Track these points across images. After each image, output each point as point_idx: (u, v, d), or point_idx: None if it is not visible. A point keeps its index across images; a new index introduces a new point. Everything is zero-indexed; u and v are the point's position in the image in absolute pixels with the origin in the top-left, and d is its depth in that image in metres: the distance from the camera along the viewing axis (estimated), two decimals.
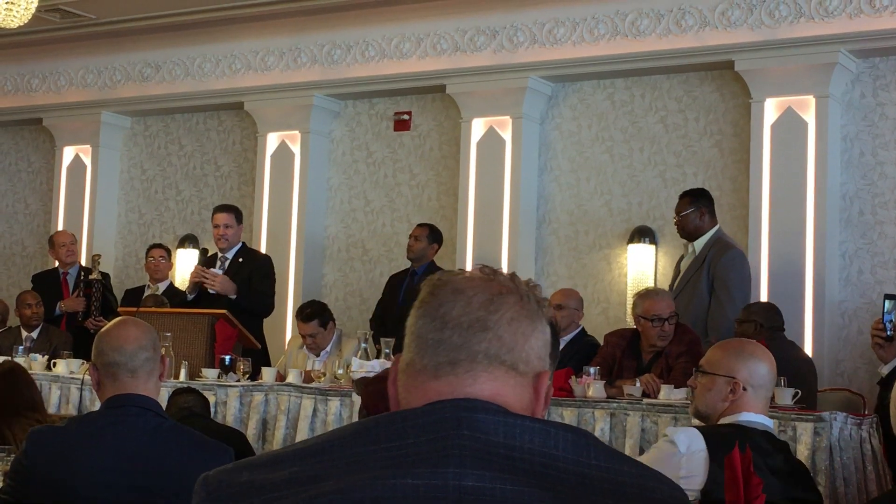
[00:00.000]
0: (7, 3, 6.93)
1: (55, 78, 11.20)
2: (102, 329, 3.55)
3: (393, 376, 1.71)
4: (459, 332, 1.64)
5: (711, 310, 7.26)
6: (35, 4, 7.15)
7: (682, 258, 7.73)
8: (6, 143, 11.98)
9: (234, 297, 8.02)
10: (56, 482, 3.27)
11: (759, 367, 3.65)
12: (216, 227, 8.37)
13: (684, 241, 7.68)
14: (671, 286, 7.65)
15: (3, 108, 11.51)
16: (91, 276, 9.37)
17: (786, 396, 5.77)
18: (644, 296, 6.74)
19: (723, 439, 3.51)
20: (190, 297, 8.22)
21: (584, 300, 8.87)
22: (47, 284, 9.65)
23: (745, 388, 3.63)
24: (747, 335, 7.01)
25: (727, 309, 7.19)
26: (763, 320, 6.58)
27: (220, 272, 8.17)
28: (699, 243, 7.47)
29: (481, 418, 1.56)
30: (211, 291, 8.08)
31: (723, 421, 3.66)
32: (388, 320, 8.44)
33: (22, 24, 7.20)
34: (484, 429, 1.55)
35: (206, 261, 8.31)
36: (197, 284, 8.16)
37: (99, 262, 9.44)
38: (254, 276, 8.25)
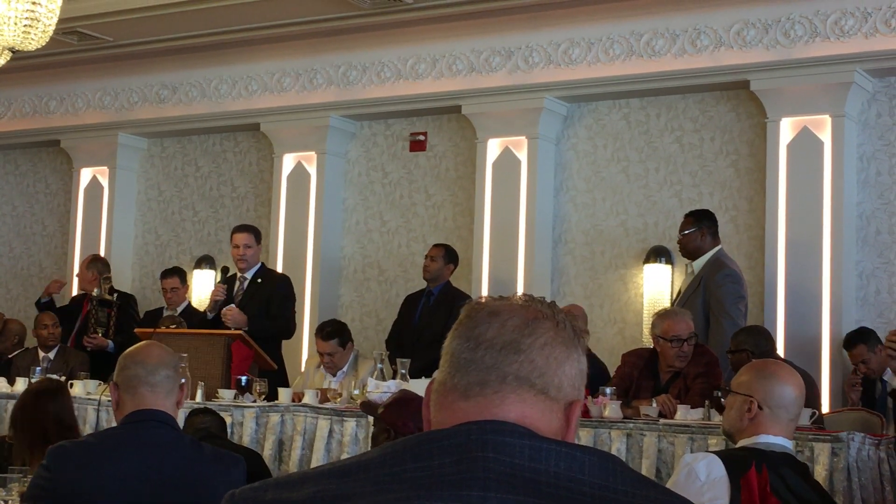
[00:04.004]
0: (25, 25, 6.97)
1: (72, 100, 11.26)
2: (127, 350, 3.60)
3: (427, 397, 1.71)
4: (491, 354, 1.64)
5: (711, 329, 7.32)
6: (53, 27, 7.19)
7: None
8: (24, 164, 12.04)
9: (245, 328, 7.84)
10: (77, 496, 3.30)
11: (778, 388, 3.63)
12: (236, 247, 8.26)
13: (686, 260, 7.76)
14: (672, 305, 7.69)
15: (21, 130, 11.57)
16: (93, 295, 9.35)
17: (803, 417, 5.75)
18: (663, 316, 6.74)
19: (741, 463, 3.49)
20: (210, 315, 8.15)
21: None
22: (77, 307, 9.71)
23: (761, 408, 3.61)
24: (742, 364, 7.03)
25: (724, 326, 7.24)
26: (752, 348, 6.56)
27: (240, 293, 8.16)
28: (698, 263, 7.60)
29: (507, 441, 1.55)
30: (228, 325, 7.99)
31: (742, 443, 3.64)
32: (403, 341, 8.43)
33: (39, 46, 7.23)
34: (509, 451, 1.54)
35: (227, 280, 8.27)
36: (217, 303, 8.10)
37: (107, 282, 9.40)
38: (273, 299, 8.20)
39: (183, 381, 3.61)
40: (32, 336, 9.46)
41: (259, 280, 8.25)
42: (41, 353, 9.14)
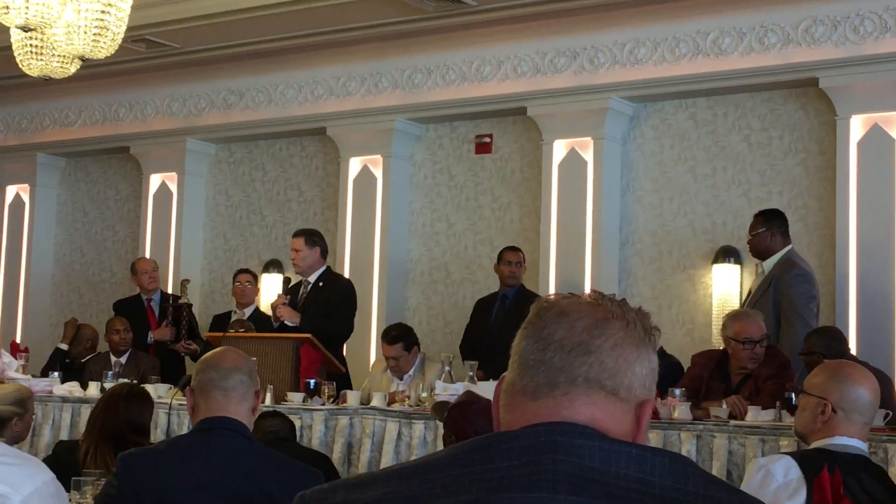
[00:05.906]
0: (94, 34, 7.05)
1: (141, 107, 11.38)
2: (205, 354, 3.62)
3: (496, 397, 1.71)
4: (561, 355, 1.63)
5: (782, 330, 7.24)
6: (122, 35, 7.26)
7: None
8: (95, 171, 12.19)
9: (296, 322, 7.97)
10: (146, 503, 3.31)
11: (853, 391, 3.58)
12: (290, 251, 8.49)
13: (756, 261, 7.68)
14: (742, 306, 7.62)
15: (91, 137, 11.72)
16: (180, 301, 9.49)
17: (876, 417, 5.67)
18: (735, 317, 6.66)
19: (815, 464, 3.44)
20: (275, 325, 8.26)
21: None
22: (131, 311, 9.75)
23: (835, 411, 3.56)
24: (815, 366, 6.94)
25: (796, 327, 7.16)
26: (824, 350, 6.46)
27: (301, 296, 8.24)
28: (769, 263, 7.52)
29: (577, 443, 1.54)
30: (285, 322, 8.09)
31: (815, 444, 3.59)
32: (479, 344, 8.41)
33: (109, 54, 7.31)
34: (579, 453, 1.53)
35: (289, 290, 8.35)
36: None
37: (188, 288, 9.56)
38: (331, 302, 8.27)
39: (258, 388, 3.60)
40: (105, 341, 9.57)
41: (321, 284, 8.32)
42: (113, 358, 9.25)
